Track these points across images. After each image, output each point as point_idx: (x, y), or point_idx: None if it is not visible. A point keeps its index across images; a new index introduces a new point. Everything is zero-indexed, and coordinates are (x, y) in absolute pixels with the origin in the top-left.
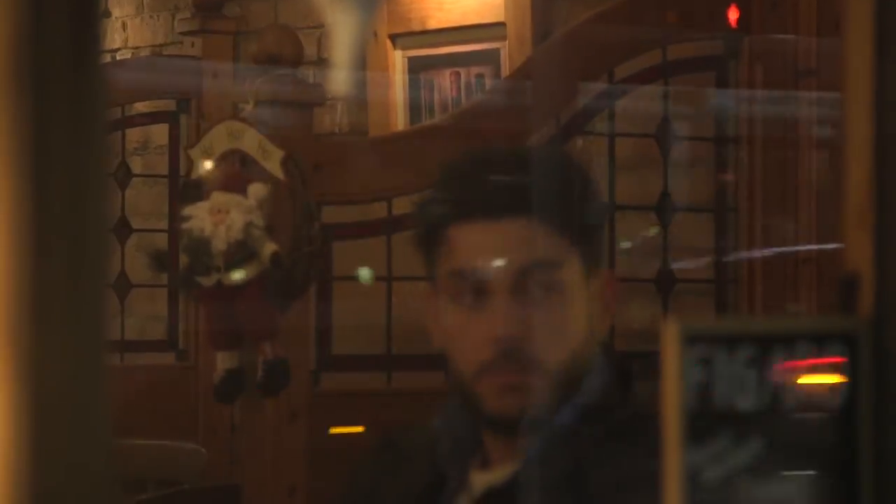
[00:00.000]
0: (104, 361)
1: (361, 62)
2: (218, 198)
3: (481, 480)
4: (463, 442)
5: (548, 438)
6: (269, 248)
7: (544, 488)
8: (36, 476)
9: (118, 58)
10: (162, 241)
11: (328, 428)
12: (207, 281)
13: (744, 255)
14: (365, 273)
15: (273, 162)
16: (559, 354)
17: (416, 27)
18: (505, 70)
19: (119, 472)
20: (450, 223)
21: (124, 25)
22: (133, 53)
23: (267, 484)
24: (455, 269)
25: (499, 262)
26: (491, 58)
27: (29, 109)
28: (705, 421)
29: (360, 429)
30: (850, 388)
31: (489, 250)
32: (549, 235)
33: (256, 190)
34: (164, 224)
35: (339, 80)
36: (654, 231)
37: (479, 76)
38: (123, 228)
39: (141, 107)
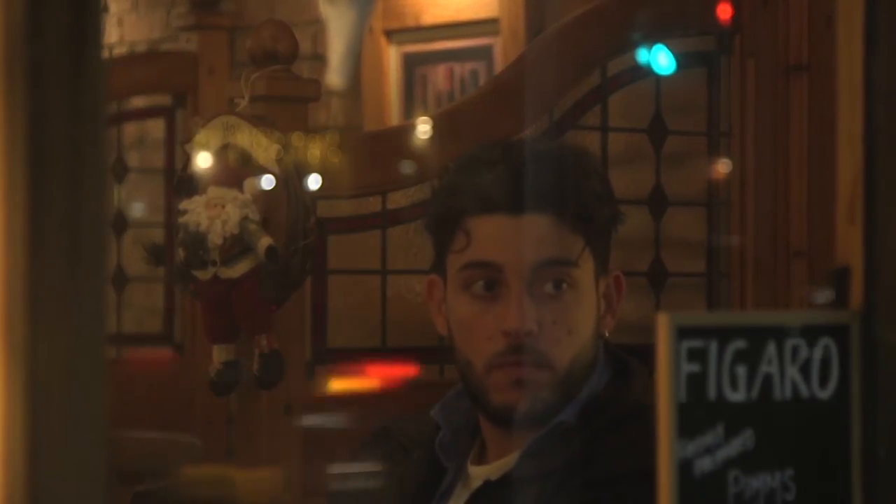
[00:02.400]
0: (102, 355)
1: (356, 58)
2: (214, 192)
3: (478, 473)
4: (461, 434)
5: (547, 434)
6: (265, 241)
7: (541, 483)
8: (32, 467)
9: (114, 53)
10: (158, 235)
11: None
12: (203, 275)
13: (735, 248)
14: None
15: (268, 157)
16: (568, 351)
17: (411, 23)
18: (499, 66)
19: (114, 464)
20: (471, 214)
21: (120, 21)
22: (129, 48)
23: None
24: (472, 260)
25: (517, 257)
26: (485, 53)
27: (28, 104)
28: (697, 413)
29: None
30: (841, 379)
31: (508, 244)
32: (567, 234)
33: (252, 184)
34: (160, 218)
35: (334, 75)
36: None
37: (473, 72)
38: (120, 222)
39: (137, 101)
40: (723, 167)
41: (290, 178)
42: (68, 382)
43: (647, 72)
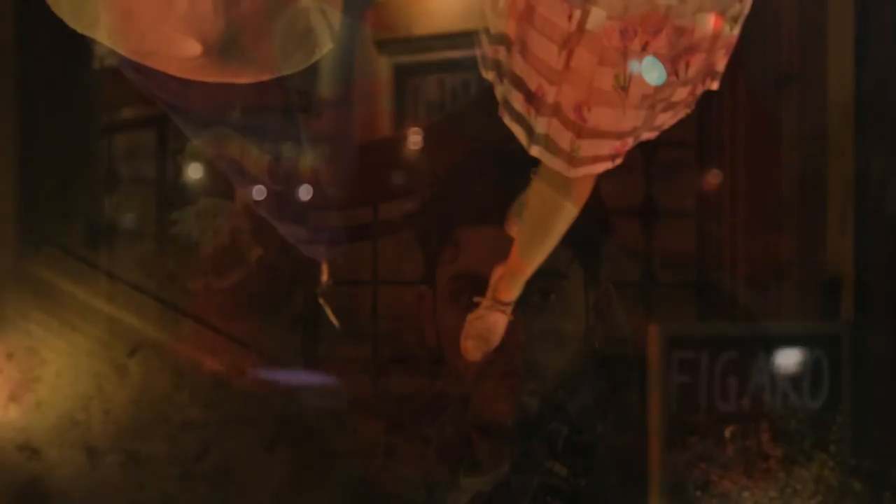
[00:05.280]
0: (96, 358)
1: (348, 68)
2: (205, 202)
3: (469, 484)
4: (452, 445)
5: (537, 444)
6: (256, 252)
7: (532, 493)
8: (22, 470)
9: (106, 63)
10: (150, 245)
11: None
12: (195, 285)
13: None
14: None
15: (260, 167)
16: (556, 361)
17: (403, 34)
18: None
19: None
20: (459, 225)
21: None
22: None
23: None
24: (461, 271)
25: None
26: (476, 64)
27: (20, 114)
28: (689, 423)
29: None
30: (832, 390)
31: (496, 255)
32: (556, 246)
33: (243, 195)
34: (152, 229)
35: (326, 85)
36: None
37: (465, 82)
38: (111, 233)
39: (129, 112)
40: (714, 177)
41: (282, 188)
42: (63, 387)
43: None
